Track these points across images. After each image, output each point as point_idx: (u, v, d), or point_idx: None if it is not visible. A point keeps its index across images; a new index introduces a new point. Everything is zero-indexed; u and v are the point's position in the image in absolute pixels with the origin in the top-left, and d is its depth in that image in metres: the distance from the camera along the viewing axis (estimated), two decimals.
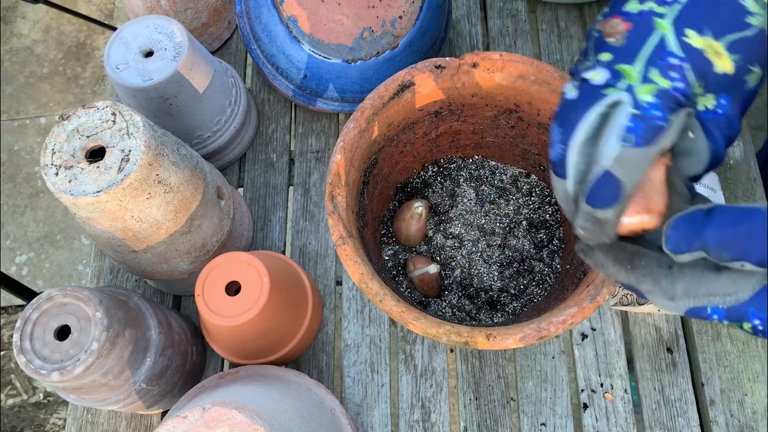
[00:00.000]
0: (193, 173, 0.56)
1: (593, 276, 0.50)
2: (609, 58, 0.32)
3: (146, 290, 0.71)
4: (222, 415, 0.45)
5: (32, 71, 1.75)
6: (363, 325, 0.67)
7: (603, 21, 0.34)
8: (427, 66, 0.55)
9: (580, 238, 0.36)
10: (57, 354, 0.50)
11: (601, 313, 0.66)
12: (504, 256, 0.64)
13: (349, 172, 0.53)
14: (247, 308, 0.54)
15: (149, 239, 0.55)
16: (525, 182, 0.66)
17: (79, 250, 1.55)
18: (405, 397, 0.64)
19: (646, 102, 0.31)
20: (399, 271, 0.64)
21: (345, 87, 0.69)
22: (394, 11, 0.66)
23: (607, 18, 0.34)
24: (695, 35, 0.32)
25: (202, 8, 0.76)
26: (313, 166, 0.75)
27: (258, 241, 0.72)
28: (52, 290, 0.52)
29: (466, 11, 0.81)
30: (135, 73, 0.61)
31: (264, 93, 0.79)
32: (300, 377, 0.59)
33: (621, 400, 0.63)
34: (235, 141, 0.73)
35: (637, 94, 0.31)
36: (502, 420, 0.63)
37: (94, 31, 1.78)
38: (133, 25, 0.62)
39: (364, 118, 0.54)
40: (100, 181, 0.49)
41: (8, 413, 1.41)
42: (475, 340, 0.47)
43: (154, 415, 0.66)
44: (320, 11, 0.65)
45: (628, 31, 0.33)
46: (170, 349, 0.58)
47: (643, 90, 0.31)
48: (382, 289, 0.49)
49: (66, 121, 0.52)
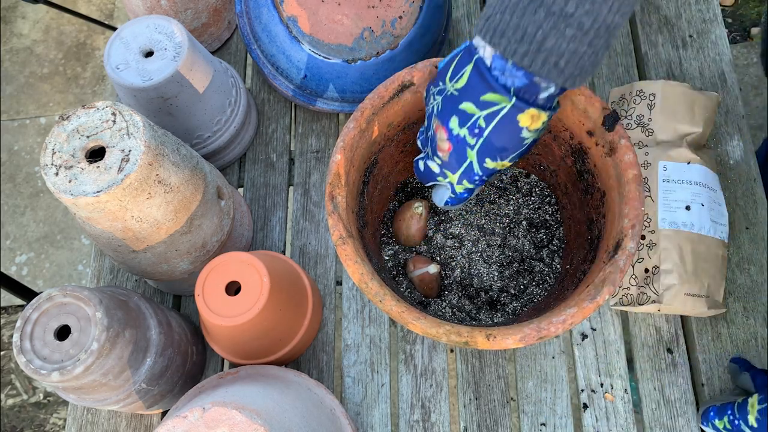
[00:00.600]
0: (193, 173, 0.56)
1: (593, 276, 0.50)
2: (439, 163, 0.52)
3: (146, 290, 0.71)
4: (222, 415, 0.45)
5: (32, 71, 1.75)
6: (363, 325, 0.67)
7: (437, 122, 0.50)
8: (427, 66, 0.55)
9: None
10: (57, 354, 0.50)
11: (601, 313, 0.66)
12: (504, 256, 0.64)
13: (349, 172, 0.53)
14: (247, 308, 0.54)
15: (149, 239, 0.55)
16: (525, 182, 0.66)
17: (79, 250, 1.55)
18: (405, 397, 0.64)
19: (459, 191, 0.53)
20: (399, 271, 0.64)
21: (345, 87, 0.69)
22: (394, 11, 0.66)
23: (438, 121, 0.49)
24: (490, 160, 0.49)
25: (202, 8, 0.76)
26: (313, 166, 0.75)
27: (258, 241, 0.72)
28: (52, 290, 0.52)
29: (466, 11, 0.82)
30: (135, 73, 0.61)
31: (264, 93, 0.79)
32: (300, 377, 0.59)
33: (621, 400, 0.63)
34: (235, 141, 0.73)
35: (455, 187, 0.53)
36: (502, 420, 0.63)
37: (94, 31, 1.78)
38: (133, 25, 0.62)
39: (364, 118, 0.54)
40: (100, 181, 0.49)
41: (8, 413, 1.41)
42: (475, 340, 0.47)
43: (154, 415, 0.66)
44: (320, 11, 0.65)
45: (449, 152, 0.50)
46: (170, 349, 0.58)
47: (458, 187, 0.53)
48: (382, 289, 0.49)
49: (66, 121, 0.52)
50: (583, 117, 0.53)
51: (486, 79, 0.45)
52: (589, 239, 0.57)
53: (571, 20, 0.40)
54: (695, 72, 0.75)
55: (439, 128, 0.50)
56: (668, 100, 0.65)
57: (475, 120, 0.47)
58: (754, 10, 1.59)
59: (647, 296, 0.61)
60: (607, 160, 0.53)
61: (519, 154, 0.49)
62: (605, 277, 0.48)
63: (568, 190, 0.62)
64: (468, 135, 0.48)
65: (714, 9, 0.78)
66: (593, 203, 0.57)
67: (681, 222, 0.61)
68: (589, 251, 0.56)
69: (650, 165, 0.64)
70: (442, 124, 0.49)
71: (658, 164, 0.64)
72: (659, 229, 0.62)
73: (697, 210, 0.62)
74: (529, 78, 0.43)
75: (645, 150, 0.65)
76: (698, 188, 0.63)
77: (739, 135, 0.72)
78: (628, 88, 0.68)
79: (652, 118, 0.66)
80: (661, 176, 0.63)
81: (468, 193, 0.54)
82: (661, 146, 0.65)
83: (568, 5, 0.40)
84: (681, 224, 0.61)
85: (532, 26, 0.41)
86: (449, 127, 0.49)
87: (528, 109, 0.45)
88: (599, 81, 0.76)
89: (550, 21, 0.40)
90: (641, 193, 0.50)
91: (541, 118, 0.46)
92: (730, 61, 0.75)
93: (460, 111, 0.47)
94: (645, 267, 0.62)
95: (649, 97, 0.66)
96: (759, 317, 0.65)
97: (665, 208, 0.62)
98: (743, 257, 0.67)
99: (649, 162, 0.64)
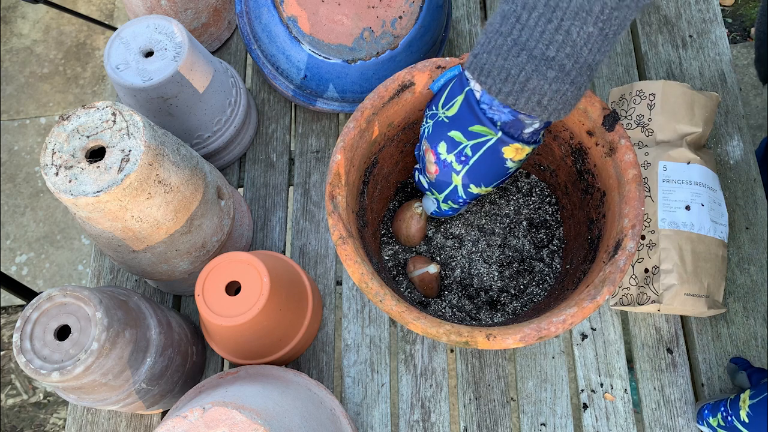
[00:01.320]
0: (193, 173, 0.56)
1: (593, 276, 0.50)
2: (427, 181, 0.56)
3: (146, 290, 0.71)
4: (222, 415, 0.45)
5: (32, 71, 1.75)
6: (363, 325, 0.67)
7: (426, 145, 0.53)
8: (427, 66, 0.55)
9: None
10: (57, 354, 0.50)
11: (601, 313, 0.66)
12: (504, 256, 0.64)
13: (349, 172, 0.53)
14: (247, 308, 0.54)
15: (149, 239, 0.55)
16: (525, 182, 0.67)
17: (79, 250, 1.55)
18: (405, 397, 0.64)
19: (444, 209, 0.57)
20: (399, 271, 0.64)
21: (345, 87, 0.69)
22: (394, 11, 0.66)
23: (428, 144, 0.52)
24: (474, 186, 0.52)
25: (202, 8, 0.76)
26: (313, 166, 0.75)
27: (258, 241, 0.72)
28: (52, 290, 0.52)
29: (466, 11, 0.82)
30: (135, 73, 0.61)
31: (264, 93, 0.79)
32: (300, 377, 0.59)
33: (621, 400, 0.63)
34: (235, 141, 0.73)
35: (441, 204, 0.57)
36: (502, 420, 0.63)
37: (94, 31, 1.77)
38: (133, 25, 0.62)
39: (364, 118, 0.54)
40: (100, 181, 0.49)
41: (8, 413, 1.41)
42: (475, 340, 0.47)
43: (154, 415, 0.66)
44: (320, 11, 0.65)
45: (436, 174, 0.53)
46: (170, 349, 0.58)
47: (443, 205, 0.57)
48: (382, 289, 0.49)
49: (66, 121, 0.52)
50: (583, 117, 0.53)
51: (475, 111, 0.47)
52: (589, 239, 0.57)
53: (552, 63, 0.42)
54: (695, 72, 0.75)
55: (428, 151, 0.53)
56: (668, 100, 0.65)
57: (462, 148, 0.49)
58: (754, 10, 1.59)
59: (647, 296, 0.61)
60: (607, 160, 0.53)
61: (501, 181, 0.52)
62: (605, 277, 0.48)
63: (568, 190, 0.62)
64: (455, 161, 0.51)
65: (714, 9, 0.78)
66: (593, 203, 0.57)
67: (681, 222, 0.61)
68: (589, 251, 0.56)
69: (650, 165, 0.64)
70: (431, 148, 0.52)
71: (658, 164, 0.63)
72: (659, 229, 0.61)
73: (696, 210, 0.62)
74: (514, 115, 0.46)
75: (645, 150, 0.65)
76: (698, 188, 0.63)
77: (739, 135, 0.72)
78: (628, 88, 0.68)
79: (651, 118, 0.66)
80: (661, 176, 0.63)
81: (452, 211, 0.58)
82: (661, 146, 0.65)
83: (549, 50, 0.41)
84: (681, 224, 0.61)
85: (516, 69, 0.42)
86: (437, 151, 0.51)
87: (513, 143, 0.48)
88: (599, 81, 0.76)
89: (532, 64, 0.42)
90: (641, 193, 0.50)
91: (524, 150, 0.49)
92: (730, 61, 0.75)
93: (449, 138, 0.50)
94: (645, 267, 0.62)
95: (648, 97, 0.66)
96: (759, 317, 0.65)
97: (665, 208, 0.62)
98: (743, 257, 0.67)
99: (649, 162, 0.64)
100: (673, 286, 0.60)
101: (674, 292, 0.60)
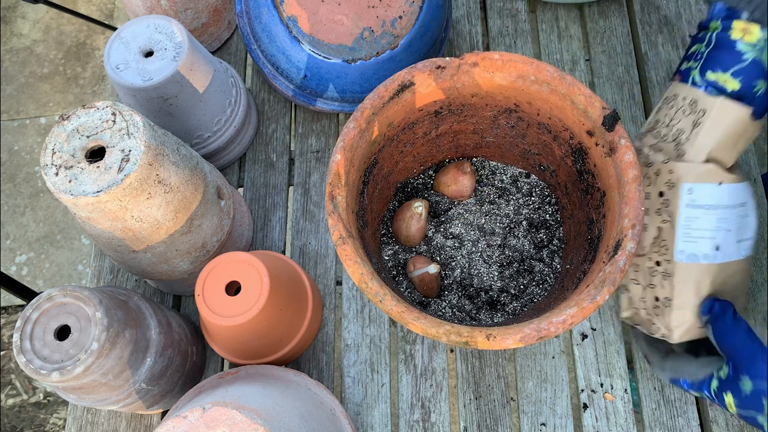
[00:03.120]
0: (193, 173, 0.56)
1: (593, 276, 0.50)
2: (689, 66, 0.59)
3: (146, 290, 0.71)
4: (222, 415, 0.45)
5: (32, 71, 1.75)
6: (363, 325, 0.67)
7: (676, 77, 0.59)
8: (427, 66, 0.55)
9: None
10: (57, 354, 0.50)
11: (601, 313, 0.66)
12: (504, 256, 0.64)
13: (349, 172, 0.53)
14: (247, 308, 0.54)
15: (149, 239, 0.55)
16: (525, 182, 0.67)
17: (79, 250, 1.55)
18: (405, 397, 0.64)
19: None
20: (399, 271, 0.64)
21: (345, 87, 0.69)
22: (394, 11, 0.66)
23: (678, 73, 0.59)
24: (710, 72, 0.55)
25: (202, 8, 0.76)
26: (313, 166, 0.75)
27: (258, 241, 0.72)
28: (52, 290, 0.52)
29: (466, 11, 0.81)
30: (135, 73, 0.61)
31: (264, 93, 0.79)
32: (300, 377, 0.59)
33: (621, 400, 0.63)
34: (235, 141, 0.73)
35: None
36: (502, 420, 0.63)
37: (94, 31, 1.77)
38: (133, 25, 0.62)
39: (364, 118, 0.54)
40: (100, 181, 0.49)
41: (8, 413, 1.41)
42: (475, 340, 0.47)
43: (154, 415, 0.66)
44: (320, 11, 0.65)
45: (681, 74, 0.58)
46: (170, 349, 0.58)
47: None
48: (382, 289, 0.49)
49: (66, 121, 0.52)
50: (583, 117, 0.53)
51: None
52: (589, 239, 0.57)
53: None
54: None
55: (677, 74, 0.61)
56: (718, 125, 0.55)
57: None
58: None
59: (657, 327, 0.56)
60: (607, 160, 0.53)
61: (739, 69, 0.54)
62: (605, 277, 0.48)
63: (568, 190, 0.62)
64: (693, 63, 0.57)
65: None
66: (593, 203, 0.57)
67: (702, 254, 0.54)
68: (589, 251, 0.56)
69: (674, 186, 0.55)
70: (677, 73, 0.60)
71: (682, 187, 0.55)
72: (675, 261, 0.54)
73: (722, 240, 0.54)
74: None
75: (669, 167, 0.56)
76: (727, 212, 0.55)
77: None
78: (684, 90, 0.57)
79: (690, 138, 0.55)
80: (684, 200, 0.54)
81: None
82: (689, 165, 0.55)
83: None
84: (702, 257, 0.54)
85: None
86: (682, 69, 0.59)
87: None
88: (599, 81, 0.76)
89: None
90: (641, 193, 0.50)
91: None
92: None
93: None
94: (656, 295, 0.56)
95: (698, 113, 0.56)
96: (759, 317, 0.65)
97: (686, 238, 0.54)
98: None
99: (673, 182, 0.55)
100: (685, 323, 0.55)
101: (686, 328, 0.55)
